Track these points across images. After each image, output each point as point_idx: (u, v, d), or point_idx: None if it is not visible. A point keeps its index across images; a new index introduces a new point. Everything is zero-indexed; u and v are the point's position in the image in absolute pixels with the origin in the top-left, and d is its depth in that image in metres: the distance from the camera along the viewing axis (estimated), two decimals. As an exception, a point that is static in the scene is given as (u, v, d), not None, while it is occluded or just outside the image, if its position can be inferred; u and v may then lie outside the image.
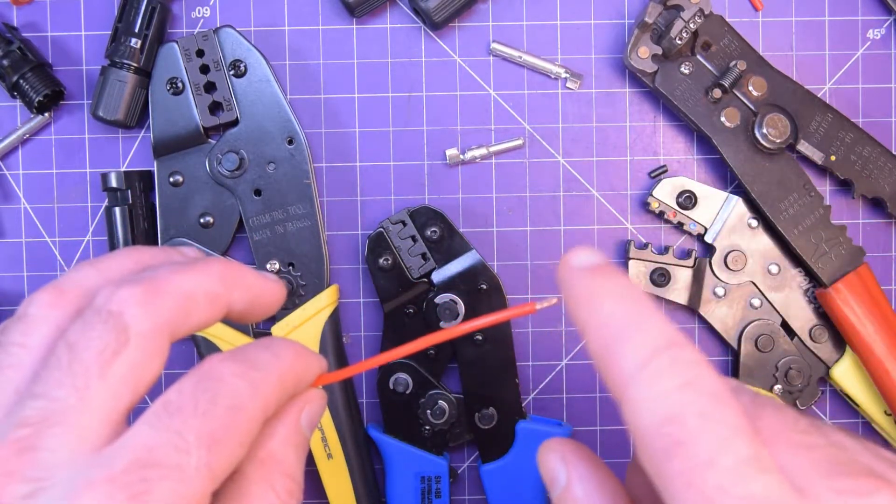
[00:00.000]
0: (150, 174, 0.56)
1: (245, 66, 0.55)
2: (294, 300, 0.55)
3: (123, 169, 0.57)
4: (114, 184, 0.54)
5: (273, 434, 0.34)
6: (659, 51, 0.54)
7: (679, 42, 0.53)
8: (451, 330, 0.35)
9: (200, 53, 0.54)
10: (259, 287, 0.35)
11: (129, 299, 0.31)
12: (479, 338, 0.56)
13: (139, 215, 0.55)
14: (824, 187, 0.58)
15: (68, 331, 0.31)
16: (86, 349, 0.30)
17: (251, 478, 0.33)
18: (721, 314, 0.57)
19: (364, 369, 0.37)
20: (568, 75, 0.57)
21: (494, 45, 0.57)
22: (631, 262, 0.57)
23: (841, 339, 0.56)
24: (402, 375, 0.56)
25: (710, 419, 0.27)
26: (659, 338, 0.29)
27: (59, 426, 0.29)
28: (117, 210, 0.54)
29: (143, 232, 0.55)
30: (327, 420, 0.55)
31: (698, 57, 0.55)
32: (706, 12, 0.54)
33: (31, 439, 0.29)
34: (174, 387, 0.31)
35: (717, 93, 0.54)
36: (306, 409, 0.35)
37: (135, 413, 0.30)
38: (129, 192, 0.55)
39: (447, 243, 0.56)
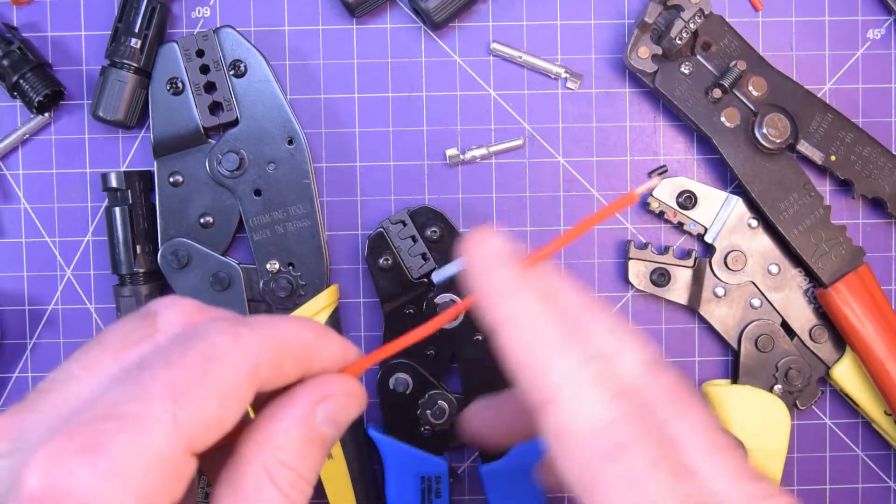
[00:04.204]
0: (150, 174, 0.56)
1: (245, 66, 0.55)
2: (294, 300, 0.55)
3: (123, 169, 0.57)
4: (114, 184, 0.54)
5: (276, 416, 0.31)
6: (659, 51, 0.54)
7: (679, 42, 0.53)
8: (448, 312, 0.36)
9: (200, 53, 0.54)
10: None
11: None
12: (479, 337, 0.56)
13: (139, 215, 0.55)
14: (824, 187, 0.58)
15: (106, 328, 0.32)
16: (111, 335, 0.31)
17: (246, 459, 0.30)
18: (721, 314, 0.57)
19: (387, 355, 0.35)
20: (568, 75, 0.57)
21: (494, 45, 0.57)
22: (631, 262, 0.57)
23: (841, 339, 0.56)
24: (402, 375, 0.56)
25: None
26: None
27: (54, 392, 0.29)
28: (117, 210, 0.54)
29: (143, 232, 0.55)
30: (327, 420, 0.55)
31: (698, 57, 0.55)
32: (706, 12, 0.54)
33: (24, 404, 0.29)
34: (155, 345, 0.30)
35: (717, 93, 0.54)
36: (324, 403, 0.32)
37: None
38: (129, 192, 0.55)
39: (447, 243, 0.56)
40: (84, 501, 0.26)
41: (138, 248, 0.55)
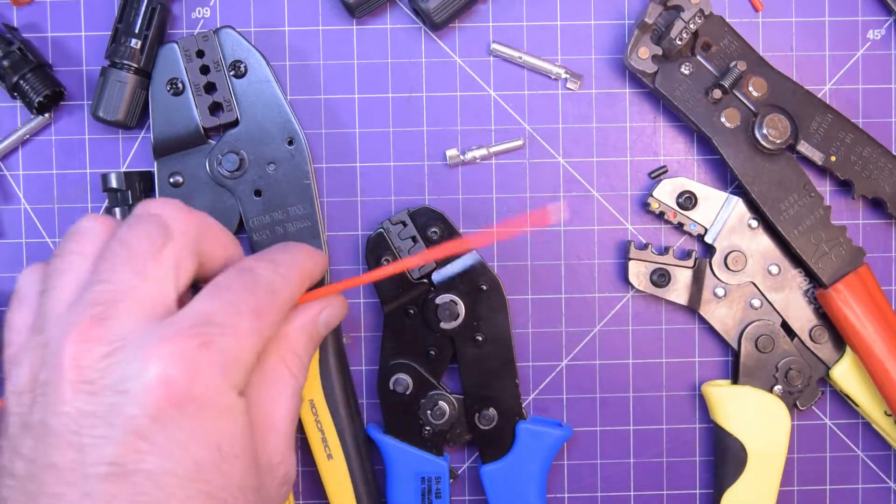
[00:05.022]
0: (150, 175, 0.56)
1: (245, 67, 0.55)
2: (294, 301, 0.55)
3: (123, 169, 0.57)
4: (114, 184, 0.54)
5: (290, 321, 0.44)
6: (659, 51, 0.54)
7: (679, 42, 0.53)
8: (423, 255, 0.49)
9: (200, 54, 0.54)
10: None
11: (166, 205, 0.40)
12: (480, 338, 0.56)
13: (139, 216, 0.55)
14: (824, 188, 0.58)
15: (117, 232, 0.39)
16: (138, 242, 0.38)
17: (269, 351, 0.42)
18: (721, 314, 0.57)
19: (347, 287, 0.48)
20: (568, 76, 0.57)
21: (494, 46, 0.57)
22: (631, 263, 0.57)
23: (841, 339, 0.56)
24: (403, 376, 0.56)
25: None
26: None
27: (125, 302, 0.36)
28: (117, 211, 0.54)
29: (144, 232, 0.55)
30: (327, 420, 0.55)
31: (698, 57, 0.55)
32: (706, 13, 0.54)
33: (105, 313, 0.36)
34: (218, 277, 0.40)
35: (717, 93, 0.54)
36: (328, 309, 0.46)
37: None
38: (130, 192, 0.55)
39: (447, 244, 0.56)
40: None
41: (138, 248, 0.55)
